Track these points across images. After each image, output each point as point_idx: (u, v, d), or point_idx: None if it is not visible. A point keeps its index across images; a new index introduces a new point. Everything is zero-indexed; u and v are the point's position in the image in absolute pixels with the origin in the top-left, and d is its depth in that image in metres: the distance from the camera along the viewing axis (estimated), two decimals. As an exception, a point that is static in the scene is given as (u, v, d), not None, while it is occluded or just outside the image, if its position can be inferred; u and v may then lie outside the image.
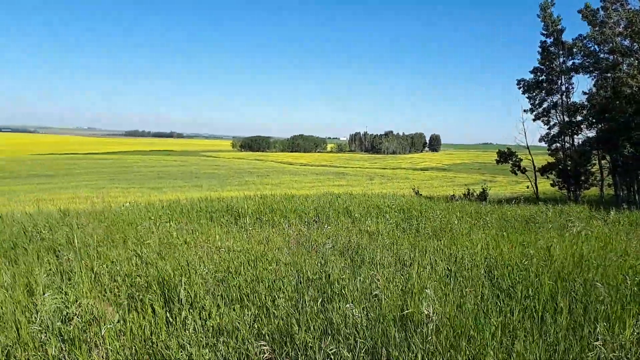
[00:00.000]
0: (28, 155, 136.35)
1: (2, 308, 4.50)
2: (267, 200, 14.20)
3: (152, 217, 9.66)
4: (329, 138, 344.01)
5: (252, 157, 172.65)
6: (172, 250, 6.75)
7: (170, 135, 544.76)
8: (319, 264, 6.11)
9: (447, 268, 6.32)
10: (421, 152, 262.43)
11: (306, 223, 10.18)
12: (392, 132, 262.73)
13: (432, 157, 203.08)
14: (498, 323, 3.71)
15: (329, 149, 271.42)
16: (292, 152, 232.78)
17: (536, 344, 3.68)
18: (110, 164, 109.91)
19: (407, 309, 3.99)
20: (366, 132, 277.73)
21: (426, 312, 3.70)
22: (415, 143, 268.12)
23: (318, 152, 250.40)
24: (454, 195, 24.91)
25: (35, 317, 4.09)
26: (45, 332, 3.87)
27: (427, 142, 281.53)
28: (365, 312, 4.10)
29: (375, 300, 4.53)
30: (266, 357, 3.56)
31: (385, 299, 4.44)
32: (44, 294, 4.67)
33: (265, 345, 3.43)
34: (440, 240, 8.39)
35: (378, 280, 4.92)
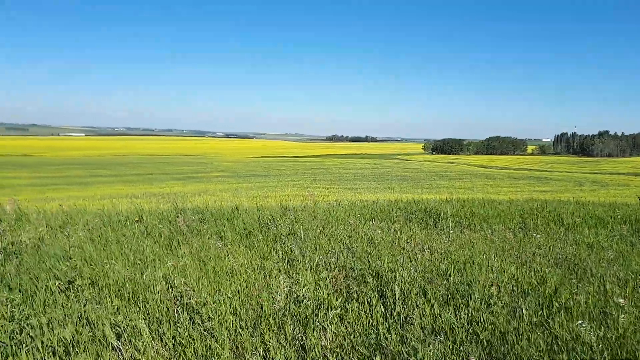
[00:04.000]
0: (247, 157, 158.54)
1: (243, 287, 5.32)
2: (465, 204, 13.76)
3: (358, 215, 10.31)
4: (529, 139, 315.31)
5: (443, 160, 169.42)
6: (379, 248, 7.08)
7: (365, 139, 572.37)
8: (531, 273, 5.70)
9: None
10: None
11: (511, 229, 9.54)
12: (607, 132, 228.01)
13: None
14: None
15: (529, 151, 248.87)
16: (486, 154, 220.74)
17: None
18: (313, 165, 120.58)
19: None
20: (575, 132, 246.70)
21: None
22: (637, 144, 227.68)
23: (516, 154, 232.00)
24: (698, 205, 20.39)
25: (273, 297, 4.74)
26: (282, 311, 4.46)
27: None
28: (600, 331, 3.67)
29: (609, 319, 4.02)
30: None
31: (623, 319, 3.91)
32: (276, 277, 5.37)
33: (483, 350, 3.35)
34: (687, 258, 6.97)
35: (611, 297, 4.34)
